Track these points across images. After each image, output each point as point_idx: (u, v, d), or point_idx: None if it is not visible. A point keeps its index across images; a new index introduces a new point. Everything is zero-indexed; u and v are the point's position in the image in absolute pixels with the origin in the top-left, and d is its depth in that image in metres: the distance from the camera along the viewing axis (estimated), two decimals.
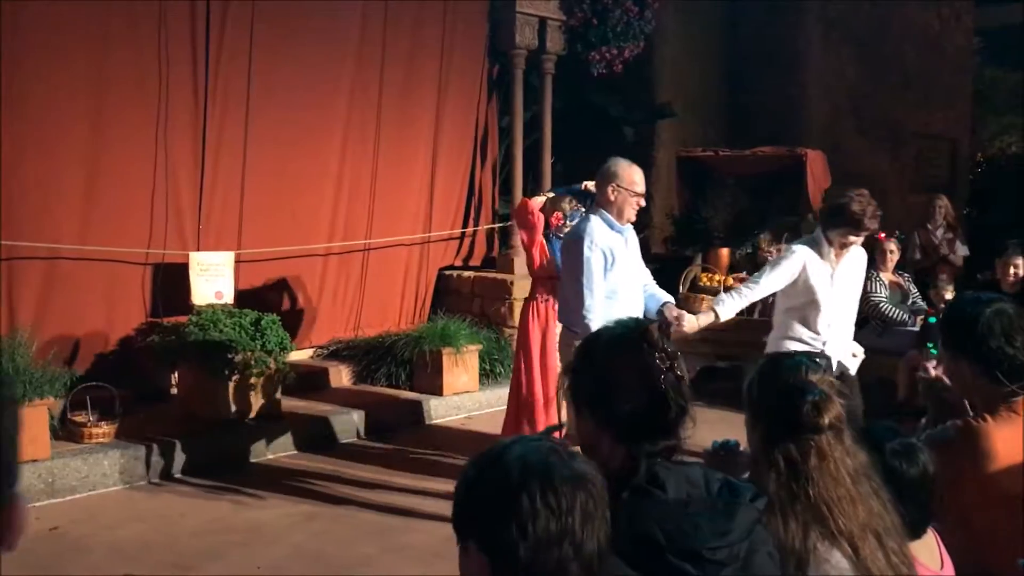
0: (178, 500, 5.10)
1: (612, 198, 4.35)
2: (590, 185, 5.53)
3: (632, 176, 4.35)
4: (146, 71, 6.36)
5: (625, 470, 1.65)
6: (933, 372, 2.94)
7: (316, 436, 6.15)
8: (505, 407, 5.82)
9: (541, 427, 5.41)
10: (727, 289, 7.91)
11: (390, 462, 5.78)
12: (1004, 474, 2.36)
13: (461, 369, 7.00)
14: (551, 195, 5.92)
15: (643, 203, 4.43)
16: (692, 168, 8.79)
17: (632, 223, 4.50)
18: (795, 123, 9.95)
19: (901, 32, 10.53)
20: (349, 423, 6.35)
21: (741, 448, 2.24)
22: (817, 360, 1.99)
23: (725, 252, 8.48)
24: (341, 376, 7.24)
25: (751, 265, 8.41)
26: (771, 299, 7.58)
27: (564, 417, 1.94)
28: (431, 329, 7.20)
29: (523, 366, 5.68)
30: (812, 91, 10.27)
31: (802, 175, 8.24)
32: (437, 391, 6.91)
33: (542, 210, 5.80)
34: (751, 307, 7.75)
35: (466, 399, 7.02)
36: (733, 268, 8.42)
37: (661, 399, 1.68)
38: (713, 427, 2.07)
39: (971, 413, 2.58)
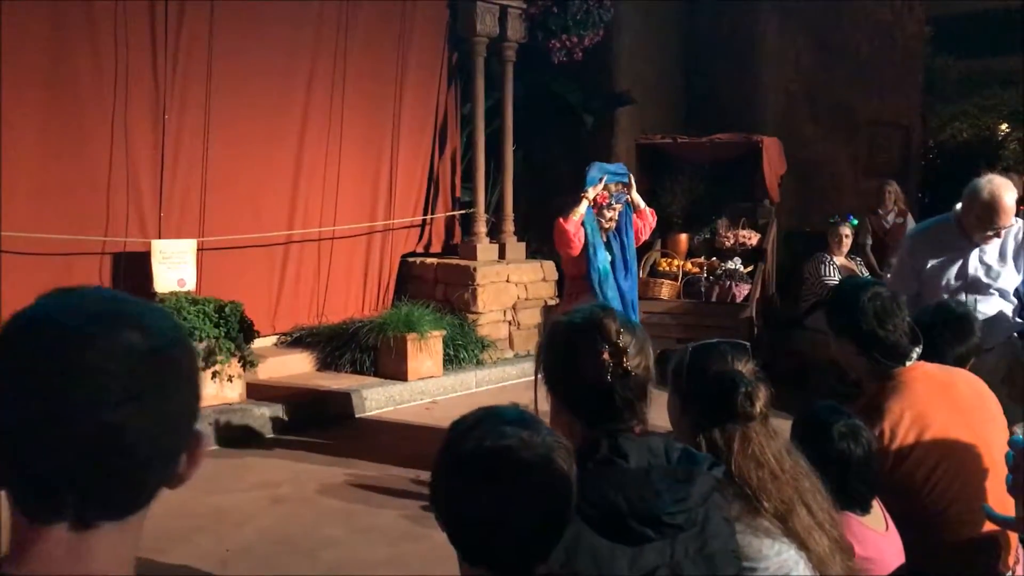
0: None
1: (963, 214, 4.10)
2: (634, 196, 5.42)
3: (984, 211, 3.98)
4: (104, 56, 6.31)
5: (587, 445, 1.73)
6: None
7: (280, 422, 6.20)
8: (470, 392, 5.87)
9: None
10: (686, 273, 8.08)
11: (355, 446, 5.84)
12: (907, 447, 2.53)
13: (425, 355, 7.07)
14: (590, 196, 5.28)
15: (991, 237, 4.05)
16: (651, 155, 8.92)
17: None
18: (751, 110, 10.09)
19: (854, 21, 10.71)
20: (312, 409, 6.40)
21: None
22: (741, 347, 2.08)
23: (684, 237, 8.63)
24: (304, 363, 7.28)
25: (709, 250, 8.57)
26: (729, 283, 7.80)
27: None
28: (395, 315, 7.26)
29: None
30: (767, 79, 10.42)
31: (758, 162, 8.40)
32: (402, 376, 6.97)
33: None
34: (709, 290, 7.94)
35: (431, 384, 7.09)
36: (692, 253, 8.58)
37: (607, 393, 1.74)
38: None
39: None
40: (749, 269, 8.11)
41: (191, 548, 4.29)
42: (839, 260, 7.47)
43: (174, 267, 6.42)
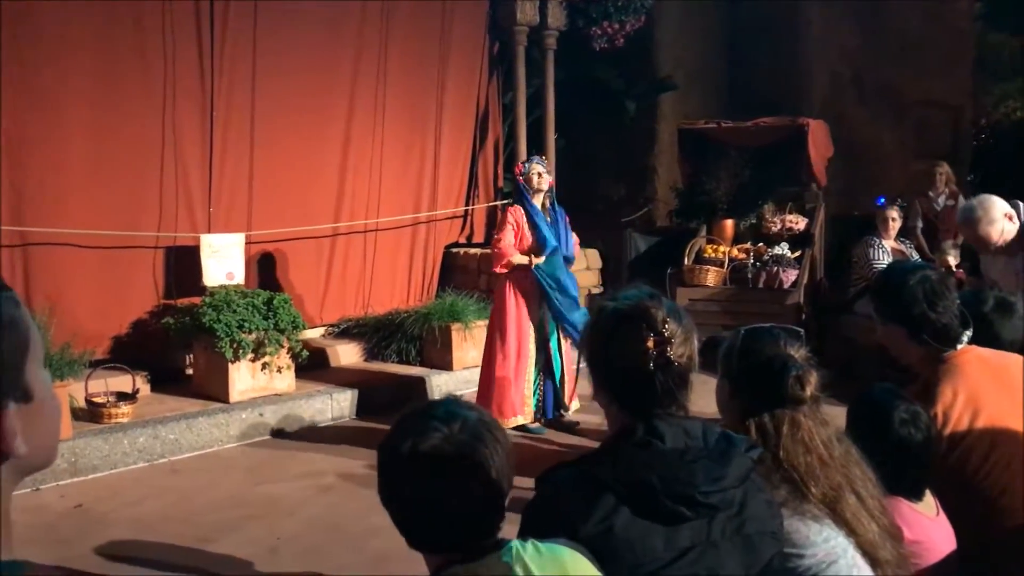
0: (196, 476, 5.22)
1: None
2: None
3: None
4: (152, 57, 6.40)
5: (624, 427, 1.73)
6: None
7: (328, 412, 6.28)
8: None
9: (507, 404, 5.86)
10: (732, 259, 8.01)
11: None
12: (960, 431, 2.47)
13: (470, 344, 7.10)
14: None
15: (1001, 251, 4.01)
16: (694, 140, 8.84)
17: None
18: (796, 93, 9.97)
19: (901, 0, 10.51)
20: (359, 399, 6.47)
21: None
22: (794, 332, 2.06)
23: (729, 223, 8.54)
24: (351, 354, 7.35)
25: (756, 236, 8.49)
26: (776, 269, 7.71)
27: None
28: (439, 305, 7.30)
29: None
30: (812, 61, 10.28)
31: (803, 145, 8.28)
32: (447, 366, 7.01)
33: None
34: (756, 276, 7.86)
35: (475, 373, 7.09)
36: (737, 239, 8.50)
37: (648, 380, 1.71)
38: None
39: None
40: (796, 254, 8.02)
41: (242, 536, 4.37)
42: (889, 243, 7.33)
43: (223, 260, 6.51)
